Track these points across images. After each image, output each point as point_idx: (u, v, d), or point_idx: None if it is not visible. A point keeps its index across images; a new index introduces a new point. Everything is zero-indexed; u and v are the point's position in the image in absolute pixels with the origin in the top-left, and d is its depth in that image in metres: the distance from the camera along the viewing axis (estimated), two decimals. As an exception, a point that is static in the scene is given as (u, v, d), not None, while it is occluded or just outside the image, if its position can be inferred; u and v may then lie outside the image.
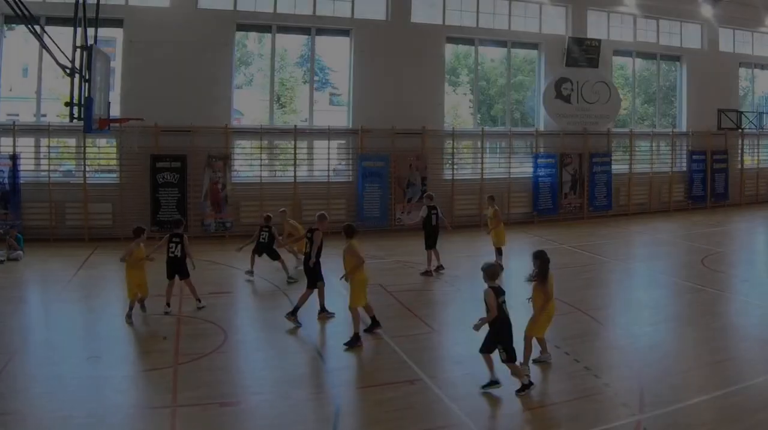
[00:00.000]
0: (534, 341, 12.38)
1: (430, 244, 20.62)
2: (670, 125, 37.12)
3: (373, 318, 14.53)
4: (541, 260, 12.33)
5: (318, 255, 15.60)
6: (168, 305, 15.88)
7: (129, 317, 15.13)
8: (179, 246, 16.04)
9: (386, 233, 28.33)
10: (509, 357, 11.17)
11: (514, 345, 11.29)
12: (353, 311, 13.99)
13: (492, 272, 11.34)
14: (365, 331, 14.23)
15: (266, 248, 20.29)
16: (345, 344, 13.61)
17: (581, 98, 32.95)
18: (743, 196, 38.03)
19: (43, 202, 25.15)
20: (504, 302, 11.21)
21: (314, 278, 15.61)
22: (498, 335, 11.11)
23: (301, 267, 17.69)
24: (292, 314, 15.18)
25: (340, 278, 14.58)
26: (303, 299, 15.42)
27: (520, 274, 21.10)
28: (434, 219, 20.70)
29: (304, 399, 11.24)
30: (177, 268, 16.15)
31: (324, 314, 15.82)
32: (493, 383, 11.24)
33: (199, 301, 16.27)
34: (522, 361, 11.87)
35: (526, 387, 11.11)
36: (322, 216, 16.44)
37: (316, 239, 15.53)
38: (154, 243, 16.98)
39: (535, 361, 12.47)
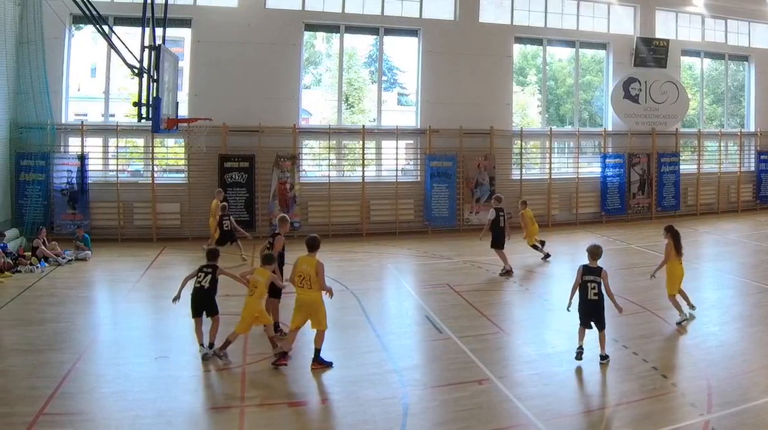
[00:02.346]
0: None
1: (499, 245, 19.24)
2: (738, 125, 34.19)
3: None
4: (671, 232, 14.24)
5: (282, 262, 13.37)
6: (202, 345, 12.15)
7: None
8: (209, 277, 12.23)
9: (455, 233, 26.49)
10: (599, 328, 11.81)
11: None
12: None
13: (591, 251, 11.94)
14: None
15: (230, 235, 20.22)
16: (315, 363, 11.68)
17: (649, 98, 30.34)
18: (812, 197, 34.93)
19: (111, 202, 23.74)
20: (591, 281, 11.62)
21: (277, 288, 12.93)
22: (579, 309, 11.81)
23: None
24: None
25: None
26: (275, 312, 13.20)
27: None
28: (502, 221, 19.28)
29: (371, 399, 10.43)
30: (205, 302, 12.31)
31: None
32: (578, 350, 11.74)
33: (212, 346, 12.24)
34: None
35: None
36: (283, 219, 13.81)
37: (278, 245, 13.13)
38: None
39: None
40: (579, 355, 11.65)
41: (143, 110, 16.06)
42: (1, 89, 21.47)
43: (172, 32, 21.13)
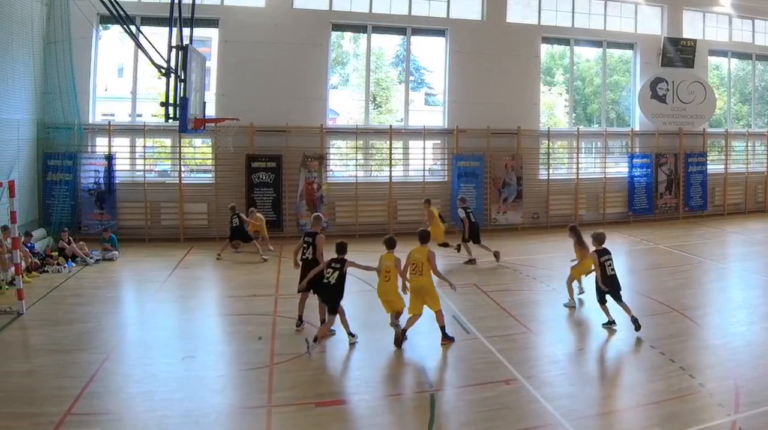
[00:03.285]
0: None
1: (476, 239, 20.63)
2: (765, 125, 33.16)
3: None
4: (572, 232, 15.39)
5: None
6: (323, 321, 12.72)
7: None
8: (336, 274, 12.35)
9: (482, 233, 25.08)
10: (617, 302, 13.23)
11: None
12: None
13: (597, 237, 13.47)
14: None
15: (239, 232, 20.85)
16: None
17: (676, 98, 29.53)
18: (840, 196, 33.98)
19: (139, 202, 23.30)
20: (607, 260, 13.18)
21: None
22: (600, 287, 13.16)
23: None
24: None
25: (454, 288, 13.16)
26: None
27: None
28: (472, 216, 20.76)
29: (399, 399, 10.56)
30: (330, 298, 12.46)
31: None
32: (610, 322, 13.25)
33: (316, 340, 12.34)
34: None
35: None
36: (317, 217, 13.89)
37: (319, 244, 13.16)
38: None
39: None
40: (612, 323, 13.21)
41: (170, 110, 15.75)
42: (28, 89, 20.96)
43: (199, 32, 20.64)
